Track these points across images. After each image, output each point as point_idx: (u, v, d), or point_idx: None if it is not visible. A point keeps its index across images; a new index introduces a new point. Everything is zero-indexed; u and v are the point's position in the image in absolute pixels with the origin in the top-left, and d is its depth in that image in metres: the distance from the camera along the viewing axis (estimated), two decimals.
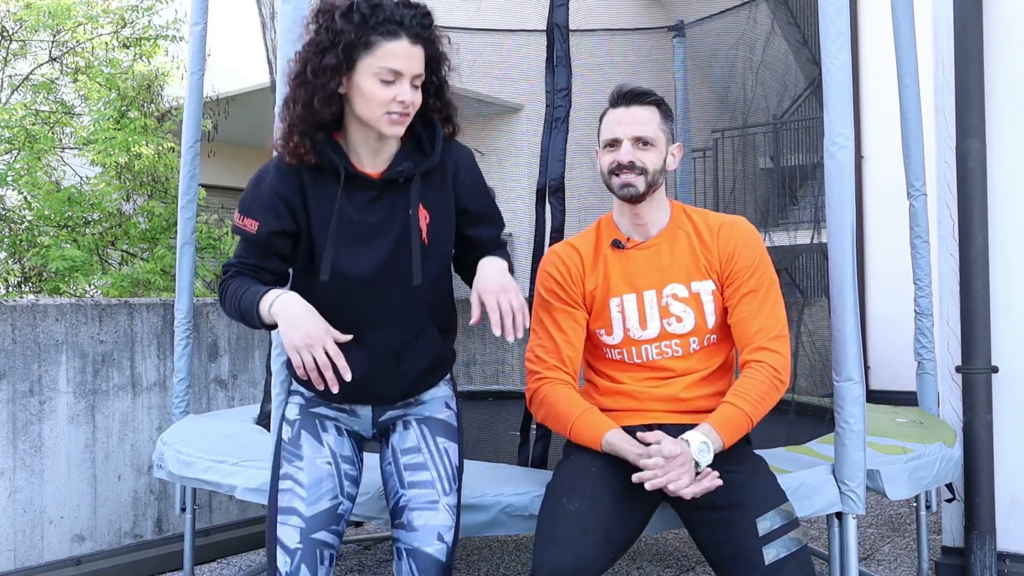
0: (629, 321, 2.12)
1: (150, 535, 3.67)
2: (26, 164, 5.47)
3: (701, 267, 2.12)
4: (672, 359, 2.12)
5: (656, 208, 2.16)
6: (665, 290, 2.12)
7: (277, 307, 1.76)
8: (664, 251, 2.14)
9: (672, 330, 2.11)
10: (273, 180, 1.86)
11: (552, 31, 2.76)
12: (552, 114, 2.75)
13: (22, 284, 5.67)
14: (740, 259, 2.10)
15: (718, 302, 2.12)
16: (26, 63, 6.28)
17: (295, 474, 1.92)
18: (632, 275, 2.14)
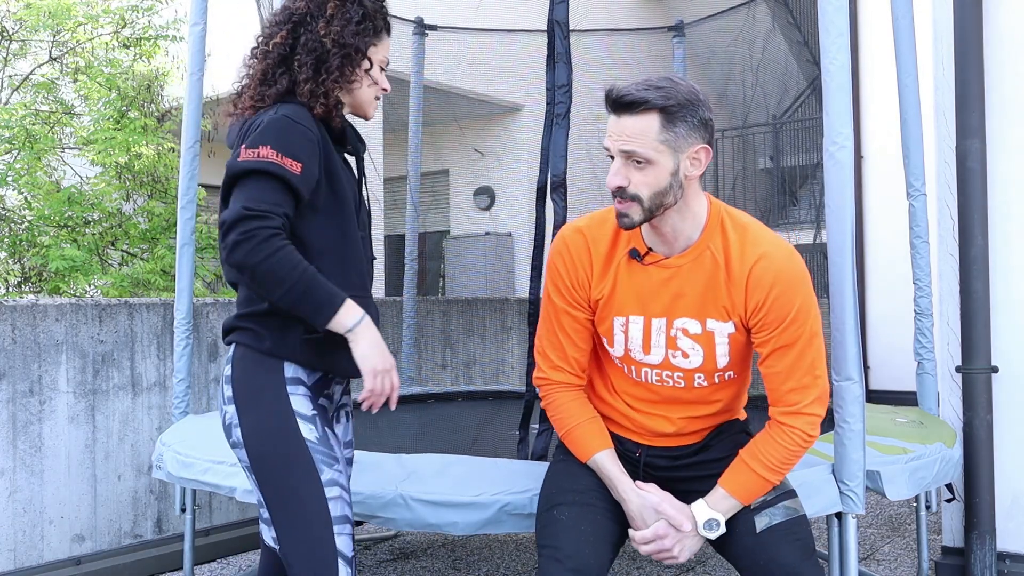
0: (632, 342, 1.91)
1: (150, 535, 3.67)
2: (26, 164, 5.47)
3: (721, 307, 1.85)
4: (673, 389, 1.94)
5: (683, 220, 1.84)
6: (677, 321, 1.87)
7: (364, 327, 1.72)
8: (684, 277, 1.85)
9: (677, 363, 1.90)
10: (308, 124, 1.79)
11: (552, 28, 2.76)
12: (553, 111, 2.75)
13: (22, 284, 5.67)
14: (771, 311, 1.81)
15: (736, 343, 1.88)
16: (26, 63, 6.28)
17: (339, 479, 1.80)
18: (644, 295, 1.88)
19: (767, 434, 1.86)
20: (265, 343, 1.78)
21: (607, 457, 1.91)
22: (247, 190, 1.69)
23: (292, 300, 1.66)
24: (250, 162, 1.69)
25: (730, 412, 2.05)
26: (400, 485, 2.25)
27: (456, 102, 8.56)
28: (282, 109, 1.77)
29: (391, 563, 3.72)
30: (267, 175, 1.69)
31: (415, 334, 5.07)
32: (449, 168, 9.94)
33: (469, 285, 9.15)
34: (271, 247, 1.64)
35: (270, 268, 1.64)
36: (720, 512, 1.85)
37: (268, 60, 1.85)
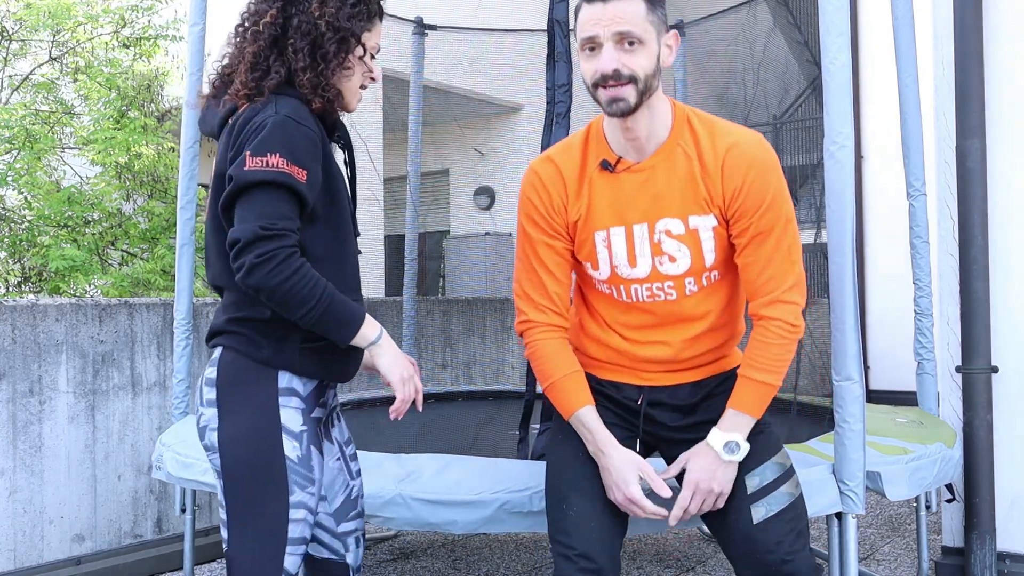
0: (617, 257, 1.85)
1: (150, 535, 3.67)
2: (26, 164, 5.48)
3: (701, 200, 1.80)
4: (666, 303, 1.87)
5: (652, 118, 1.80)
6: (658, 224, 1.82)
7: (385, 339, 1.75)
8: (659, 177, 1.82)
9: (665, 270, 1.84)
10: (310, 124, 1.70)
11: (552, 27, 2.76)
12: (553, 110, 2.75)
13: (22, 284, 5.67)
14: (749, 196, 1.78)
15: (721, 238, 1.83)
16: (26, 63, 6.29)
17: (308, 501, 1.75)
18: (621, 204, 1.84)
19: (753, 339, 1.84)
20: (262, 352, 1.72)
21: (589, 413, 1.87)
22: (257, 204, 1.62)
23: (314, 319, 1.64)
24: (260, 172, 1.61)
25: (727, 333, 1.96)
26: (399, 484, 2.25)
27: (456, 102, 8.56)
28: (282, 107, 1.68)
29: (391, 563, 3.72)
30: (277, 186, 1.62)
31: (415, 334, 5.07)
32: (449, 168, 9.95)
33: (469, 285, 9.16)
34: (290, 268, 1.60)
35: (291, 289, 1.60)
36: (736, 432, 1.80)
37: (259, 42, 1.74)
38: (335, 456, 1.94)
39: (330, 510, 1.93)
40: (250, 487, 1.72)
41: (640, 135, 1.80)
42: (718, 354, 1.96)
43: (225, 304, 1.79)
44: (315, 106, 1.74)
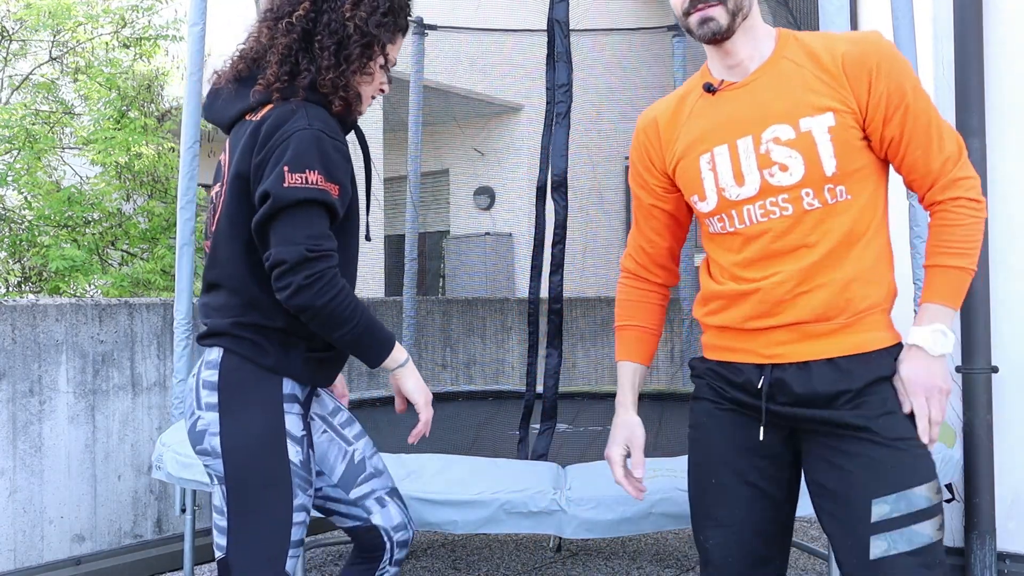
0: (722, 179, 1.66)
1: (150, 535, 3.67)
2: (26, 164, 5.48)
3: (817, 100, 1.59)
4: (782, 220, 1.61)
5: (752, 40, 1.66)
6: (764, 134, 1.61)
7: (411, 364, 1.82)
8: (764, 86, 1.64)
9: (776, 182, 1.60)
10: (339, 135, 1.72)
11: (552, 27, 2.76)
12: (553, 110, 2.75)
13: (22, 284, 5.67)
14: (890, 81, 1.57)
15: (841, 142, 1.58)
16: (26, 63, 6.29)
17: (307, 504, 1.79)
18: (724, 123, 1.67)
19: (935, 226, 1.63)
20: (268, 359, 1.73)
21: (624, 368, 1.86)
22: (301, 223, 1.63)
23: (351, 338, 1.68)
24: (301, 189, 1.62)
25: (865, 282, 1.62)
26: (400, 484, 2.25)
27: (456, 102, 8.57)
28: (313, 119, 1.67)
29: None
30: (317, 204, 1.64)
31: (415, 334, 5.07)
32: (449, 168, 9.95)
33: (469, 285, 9.16)
34: (335, 289, 1.64)
35: (335, 310, 1.65)
36: (938, 322, 1.59)
37: (292, 35, 1.73)
38: (320, 431, 1.92)
39: (332, 481, 1.91)
40: (256, 492, 1.72)
41: (742, 58, 1.65)
42: (853, 314, 1.60)
43: (228, 305, 1.77)
44: (335, 108, 1.74)
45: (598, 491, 2.21)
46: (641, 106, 9.67)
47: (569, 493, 2.20)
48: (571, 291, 5.56)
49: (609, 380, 6.72)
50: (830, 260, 1.60)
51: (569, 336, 6.33)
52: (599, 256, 9.61)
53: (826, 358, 1.60)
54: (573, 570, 3.53)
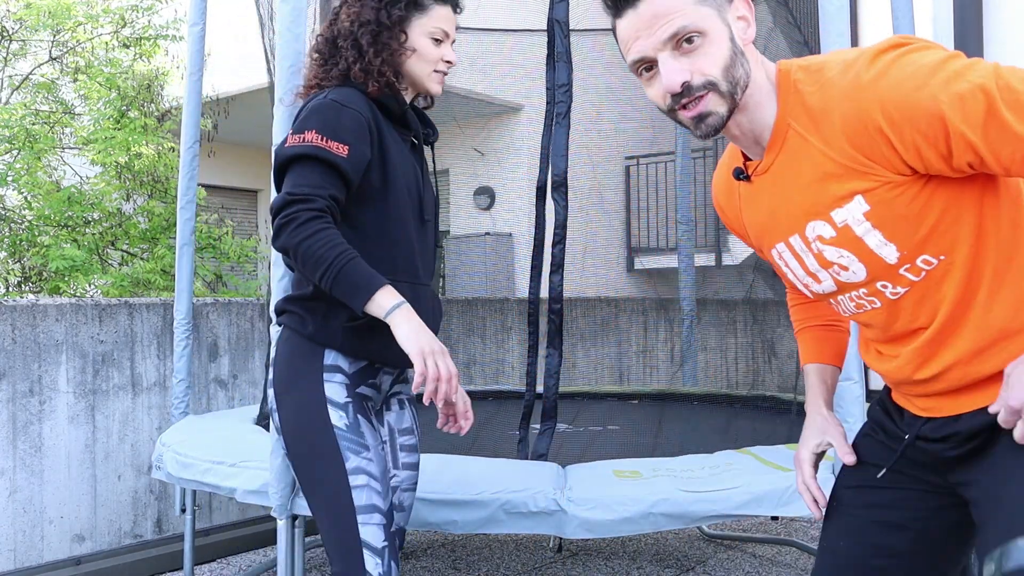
0: (799, 277, 1.41)
1: (150, 535, 3.67)
2: (26, 164, 5.48)
3: (837, 187, 1.26)
4: (875, 313, 1.36)
5: (753, 108, 1.32)
6: (807, 232, 1.33)
7: (403, 311, 1.65)
8: (782, 172, 1.33)
9: (846, 279, 1.34)
10: (359, 106, 1.79)
11: (552, 27, 2.76)
12: (553, 110, 2.75)
13: (22, 284, 5.67)
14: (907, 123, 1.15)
15: (892, 218, 1.23)
16: (26, 63, 6.29)
17: (367, 467, 1.76)
18: (769, 220, 1.40)
19: None
20: (308, 328, 1.79)
21: (811, 371, 1.64)
22: (293, 176, 1.72)
23: (329, 281, 1.66)
24: (295, 147, 1.72)
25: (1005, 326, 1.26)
26: None
27: (456, 102, 8.57)
28: (331, 93, 1.79)
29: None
30: (312, 159, 1.71)
31: None
32: (449, 168, 9.94)
33: (469, 285, 9.16)
34: (310, 229, 1.65)
35: (308, 249, 1.65)
36: None
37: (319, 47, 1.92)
38: (381, 440, 1.90)
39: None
40: (309, 461, 1.76)
41: (748, 132, 1.34)
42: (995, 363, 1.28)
43: (291, 282, 1.93)
44: (371, 90, 1.84)
45: (598, 491, 2.20)
46: (641, 106, 9.67)
47: (569, 493, 2.20)
48: (571, 291, 5.56)
49: (609, 380, 6.72)
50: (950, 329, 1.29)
51: (569, 336, 6.33)
52: (599, 256, 9.61)
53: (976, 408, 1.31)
54: (573, 570, 3.53)
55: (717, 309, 7.95)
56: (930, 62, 1.14)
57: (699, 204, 9.05)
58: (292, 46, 2.20)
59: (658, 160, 9.76)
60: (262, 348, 4.12)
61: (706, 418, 3.87)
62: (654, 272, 9.54)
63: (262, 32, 3.44)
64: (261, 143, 10.30)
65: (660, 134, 9.33)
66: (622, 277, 10.09)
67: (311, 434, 1.75)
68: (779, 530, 4.12)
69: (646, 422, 3.78)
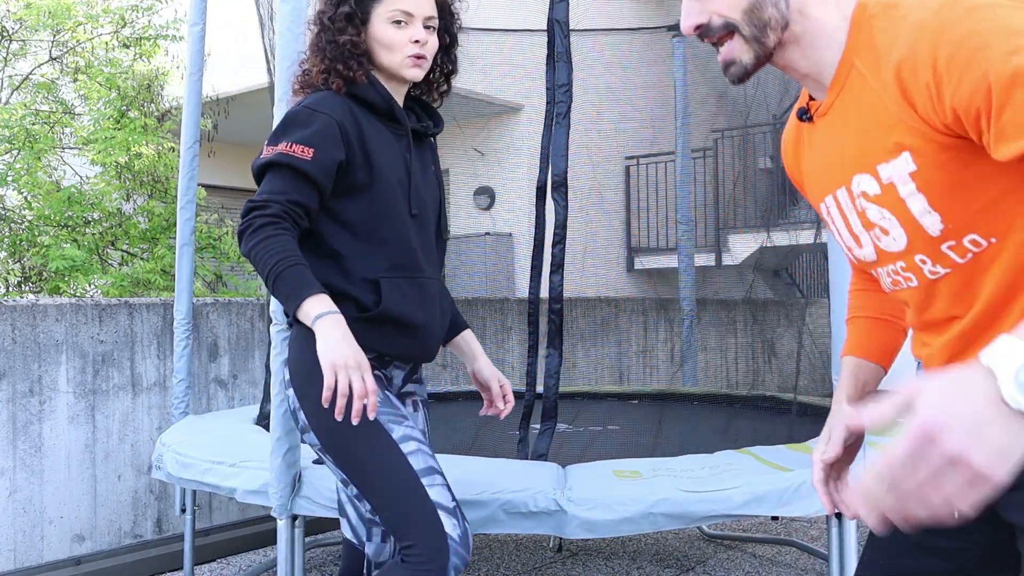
0: (843, 236, 1.28)
1: (150, 535, 3.67)
2: (26, 164, 5.48)
3: (887, 136, 1.10)
4: (911, 292, 1.21)
5: (810, 46, 1.17)
6: (853, 185, 1.18)
7: (327, 321, 1.63)
8: (840, 114, 1.19)
9: (885, 247, 1.19)
10: (329, 108, 1.80)
11: (552, 27, 2.76)
12: (553, 110, 2.75)
13: (22, 284, 5.67)
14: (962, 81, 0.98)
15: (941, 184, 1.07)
16: (26, 63, 6.29)
17: (412, 433, 1.74)
18: (821, 167, 1.27)
19: None
20: None
21: (847, 362, 1.43)
22: (263, 184, 1.77)
23: (270, 286, 1.68)
24: (264, 158, 1.77)
25: None
26: None
27: (456, 102, 8.57)
28: (306, 100, 1.82)
29: None
30: (279, 166, 1.75)
31: None
32: (449, 168, 9.94)
33: (469, 285, 9.15)
34: (261, 235, 1.69)
35: (256, 255, 1.68)
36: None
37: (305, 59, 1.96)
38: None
39: None
40: (353, 444, 1.71)
41: (805, 73, 1.21)
42: None
43: None
44: (335, 87, 1.83)
45: (598, 491, 2.20)
46: (641, 106, 9.68)
47: (569, 493, 2.20)
48: (571, 291, 5.55)
49: (609, 380, 6.72)
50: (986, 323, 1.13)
51: (569, 336, 6.33)
52: (599, 256, 9.61)
53: None
54: (573, 570, 3.52)
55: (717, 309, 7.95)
56: (1012, 24, 0.96)
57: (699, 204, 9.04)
58: (292, 46, 2.20)
59: (658, 160, 9.76)
60: (262, 348, 4.12)
61: (706, 418, 3.87)
62: (654, 272, 9.55)
63: (262, 32, 3.44)
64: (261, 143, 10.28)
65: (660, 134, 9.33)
66: (622, 277, 10.09)
67: (345, 419, 1.70)
68: (779, 530, 4.12)
69: (646, 422, 3.78)
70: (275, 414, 2.18)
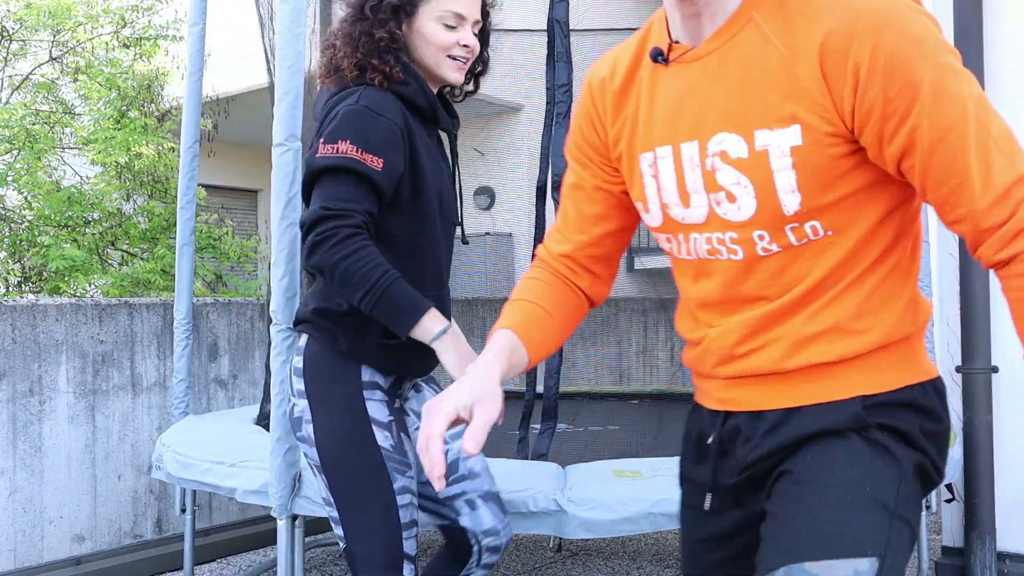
0: (666, 193, 1.18)
1: (150, 535, 3.67)
2: (26, 164, 5.48)
3: (780, 104, 1.06)
4: (729, 265, 1.15)
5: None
6: (711, 143, 1.11)
7: (451, 336, 1.62)
8: (718, 66, 1.11)
9: (722, 213, 1.13)
10: (391, 113, 1.69)
11: (552, 27, 2.76)
12: (553, 110, 2.75)
13: (22, 284, 5.67)
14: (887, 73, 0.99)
15: (814, 167, 1.06)
16: (26, 63, 6.29)
17: (410, 485, 1.76)
18: (670, 114, 1.17)
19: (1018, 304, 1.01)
20: (342, 345, 1.73)
21: (508, 338, 1.22)
22: (326, 188, 1.63)
23: (371, 304, 1.61)
24: (328, 158, 1.64)
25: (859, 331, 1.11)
26: None
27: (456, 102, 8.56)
28: (363, 98, 1.69)
29: None
30: (345, 171, 1.63)
31: None
32: None
33: (469, 285, 9.15)
34: (350, 247, 1.59)
35: (348, 269, 1.59)
36: None
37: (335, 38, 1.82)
38: (415, 427, 1.90)
39: (423, 479, 1.86)
40: (354, 482, 1.72)
41: (698, 8, 1.11)
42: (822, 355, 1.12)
43: (314, 291, 1.81)
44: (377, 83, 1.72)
45: (598, 491, 2.21)
46: None
47: (569, 493, 2.20)
48: None
49: (609, 380, 6.72)
50: (794, 308, 1.13)
51: None
52: None
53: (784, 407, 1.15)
54: (573, 570, 3.53)
55: None
56: (939, 38, 1.01)
57: None
58: (292, 46, 2.19)
59: None
60: (262, 348, 4.12)
61: None
62: (654, 272, 9.53)
63: (262, 32, 3.44)
64: (261, 143, 10.29)
65: None
66: (622, 277, 10.09)
67: (358, 453, 1.71)
68: None
69: (646, 422, 3.78)
70: (275, 414, 2.18)
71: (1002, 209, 0.99)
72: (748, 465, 1.16)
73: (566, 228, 1.33)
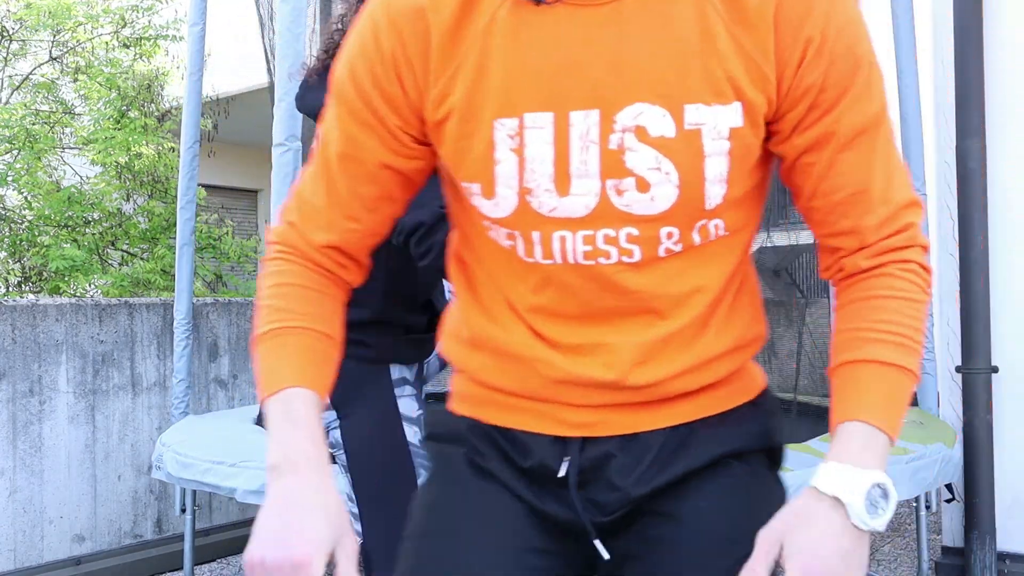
0: (533, 172, 0.89)
1: (150, 535, 3.67)
2: (26, 164, 5.48)
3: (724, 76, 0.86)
4: (617, 269, 0.92)
5: None
6: (623, 113, 0.87)
7: None
8: (634, 16, 0.87)
9: (624, 204, 0.89)
10: None
11: None
12: None
13: (22, 284, 5.68)
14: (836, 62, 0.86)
15: (743, 154, 0.89)
16: (26, 63, 6.29)
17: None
18: (554, 71, 0.88)
19: (863, 298, 0.91)
20: (371, 352, 1.74)
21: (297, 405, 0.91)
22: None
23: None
24: None
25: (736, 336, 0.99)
26: None
27: None
28: None
29: None
30: None
31: None
32: None
33: None
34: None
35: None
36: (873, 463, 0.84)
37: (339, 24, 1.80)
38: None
39: None
40: (380, 477, 1.74)
41: None
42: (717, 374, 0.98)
43: None
44: None
45: None
46: None
47: None
48: None
49: None
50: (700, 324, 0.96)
51: None
52: None
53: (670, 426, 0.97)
54: None
55: None
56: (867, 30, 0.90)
57: None
58: (292, 46, 2.20)
59: None
60: None
61: None
62: None
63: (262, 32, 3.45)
64: (261, 143, 10.28)
65: None
66: None
67: (386, 451, 1.74)
68: None
69: None
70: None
71: (889, 227, 0.91)
72: (632, 500, 0.96)
73: (332, 210, 0.97)
